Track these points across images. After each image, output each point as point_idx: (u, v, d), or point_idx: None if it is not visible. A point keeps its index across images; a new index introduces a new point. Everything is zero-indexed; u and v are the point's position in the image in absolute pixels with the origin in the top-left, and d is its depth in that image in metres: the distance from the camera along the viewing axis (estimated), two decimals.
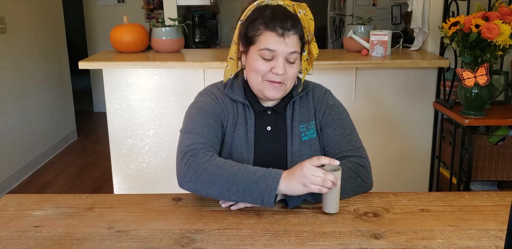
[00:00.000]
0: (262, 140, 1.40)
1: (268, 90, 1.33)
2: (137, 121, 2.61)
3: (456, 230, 1.15)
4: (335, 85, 2.58)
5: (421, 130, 2.66)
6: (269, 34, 1.28)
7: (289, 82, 1.34)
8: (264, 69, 1.31)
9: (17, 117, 3.57)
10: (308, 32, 1.33)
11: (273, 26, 1.28)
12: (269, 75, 1.31)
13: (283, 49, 1.28)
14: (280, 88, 1.33)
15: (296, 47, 1.30)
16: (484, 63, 2.10)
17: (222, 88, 1.42)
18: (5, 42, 3.43)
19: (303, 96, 1.44)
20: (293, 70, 1.32)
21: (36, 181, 3.61)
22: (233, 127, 1.39)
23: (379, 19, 4.51)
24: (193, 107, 1.39)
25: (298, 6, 1.32)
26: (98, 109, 5.62)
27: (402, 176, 2.72)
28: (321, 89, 1.48)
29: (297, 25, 1.29)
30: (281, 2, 1.32)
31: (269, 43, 1.29)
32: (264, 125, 1.41)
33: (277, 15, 1.29)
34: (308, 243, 1.09)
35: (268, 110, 1.41)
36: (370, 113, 2.62)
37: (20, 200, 1.34)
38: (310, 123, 1.42)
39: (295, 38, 1.29)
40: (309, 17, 1.34)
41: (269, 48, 1.29)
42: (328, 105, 1.44)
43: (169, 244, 1.09)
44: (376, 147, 2.66)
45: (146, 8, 5.38)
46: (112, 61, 2.47)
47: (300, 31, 1.31)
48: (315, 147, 1.41)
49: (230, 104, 1.40)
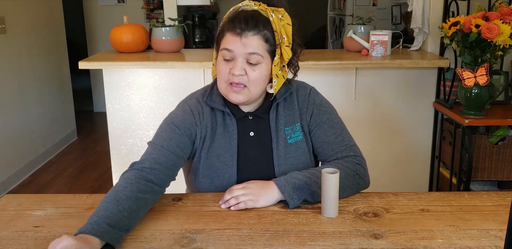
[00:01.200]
0: (246, 146, 1.38)
1: (230, 94, 1.31)
2: (137, 122, 2.61)
3: (456, 230, 1.15)
4: (335, 85, 2.60)
5: (421, 130, 2.66)
6: (228, 34, 1.28)
7: (252, 86, 1.29)
8: (224, 70, 1.30)
9: (17, 118, 3.58)
10: (280, 36, 1.29)
11: (232, 26, 1.28)
12: (229, 77, 1.29)
13: (241, 49, 1.26)
14: (242, 92, 1.30)
15: (257, 49, 1.27)
16: (484, 63, 2.10)
17: (200, 97, 1.40)
18: (5, 42, 3.43)
19: (287, 97, 1.40)
20: (255, 73, 1.28)
21: (36, 181, 3.61)
22: (213, 137, 1.37)
23: (379, 19, 4.51)
24: (165, 120, 1.40)
25: (273, 11, 1.30)
26: (98, 109, 5.62)
27: (402, 176, 2.72)
28: (305, 88, 1.44)
29: (260, 27, 1.27)
30: (255, 7, 1.30)
31: (227, 43, 1.28)
32: (247, 131, 1.39)
33: (239, 16, 1.29)
34: (308, 243, 1.09)
35: (249, 116, 1.39)
36: (370, 113, 2.62)
37: (20, 200, 1.34)
38: (295, 125, 1.39)
39: (255, 39, 1.27)
40: (286, 22, 1.31)
41: (227, 47, 1.28)
42: (315, 106, 1.41)
43: (169, 244, 1.09)
44: (376, 147, 2.66)
45: (146, 8, 5.38)
46: (112, 61, 2.47)
47: (265, 32, 1.27)
48: (302, 149, 1.39)
49: (209, 114, 1.37)
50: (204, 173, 1.38)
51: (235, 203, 1.25)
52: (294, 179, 1.28)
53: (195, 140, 1.37)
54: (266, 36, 1.28)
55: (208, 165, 1.37)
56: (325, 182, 1.19)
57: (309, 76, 2.55)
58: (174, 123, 1.37)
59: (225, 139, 1.37)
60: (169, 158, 1.31)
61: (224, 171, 1.36)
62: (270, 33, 1.29)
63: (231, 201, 1.26)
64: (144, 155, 1.33)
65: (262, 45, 1.28)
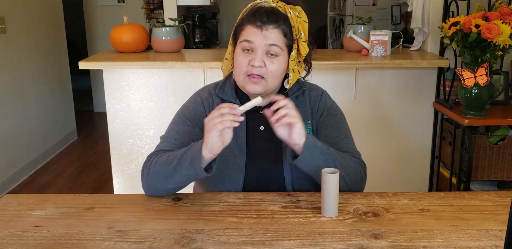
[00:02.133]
0: (255, 139, 1.40)
1: (248, 85, 1.34)
2: (137, 121, 2.61)
3: (456, 230, 1.15)
4: (335, 85, 2.60)
5: (421, 129, 2.66)
6: (249, 27, 1.32)
7: (270, 77, 1.33)
8: (243, 62, 1.32)
9: (17, 117, 3.58)
10: (297, 32, 1.34)
11: (253, 19, 1.32)
12: (248, 68, 1.32)
13: (261, 40, 1.30)
14: (260, 83, 1.33)
15: (277, 41, 1.31)
16: (484, 63, 2.10)
17: (213, 89, 1.44)
18: (5, 42, 3.43)
19: (299, 95, 1.44)
20: (274, 65, 1.32)
21: (36, 181, 3.61)
22: None
23: (379, 19, 4.51)
24: (177, 112, 1.45)
25: (290, 8, 1.35)
26: (98, 109, 5.62)
27: (402, 176, 2.72)
28: (317, 89, 1.48)
29: (280, 21, 1.31)
30: (273, 4, 1.35)
31: (248, 34, 1.32)
32: (257, 125, 1.41)
33: (260, 11, 1.33)
34: (308, 243, 1.09)
35: (260, 110, 1.40)
36: (370, 113, 2.63)
37: (20, 200, 1.34)
38: (306, 122, 1.41)
39: (275, 32, 1.31)
40: (303, 19, 1.35)
41: (247, 39, 1.32)
42: (326, 107, 1.45)
43: (169, 244, 1.09)
44: (376, 146, 2.66)
45: (146, 8, 5.38)
46: (112, 61, 2.47)
47: (284, 27, 1.32)
48: None
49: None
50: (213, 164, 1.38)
51: (284, 113, 1.24)
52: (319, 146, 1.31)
53: None
54: (285, 31, 1.32)
55: (219, 155, 1.37)
56: (325, 182, 1.19)
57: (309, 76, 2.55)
58: (185, 115, 1.41)
59: (235, 130, 1.37)
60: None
61: (233, 162, 1.38)
62: (288, 28, 1.33)
63: (281, 111, 1.24)
64: (157, 147, 1.37)
65: (282, 39, 1.32)
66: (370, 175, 2.79)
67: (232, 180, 1.37)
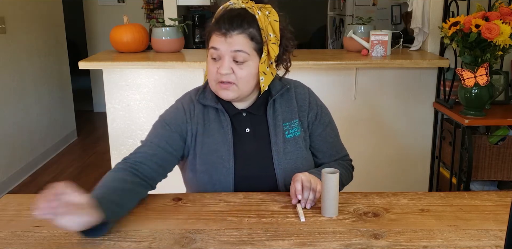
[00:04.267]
0: (242, 142, 1.39)
1: (220, 91, 1.34)
2: (137, 121, 2.61)
3: (456, 230, 1.15)
4: (335, 85, 2.60)
5: (421, 130, 2.66)
6: (215, 34, 1.31)
7: (241, 83, 1.32)
8: (212, 69, 1.32)
9: (17, 118, 3.58)
10: (266, 33, 1.32)
11: (218, 26, 1.31)
12: (218, 76, 1.32)
13: (226, 47, 1.29)
14: (231, 89, 1.32)
15: (243, 47, 1.29)
16: (484, 63, 2.10)
17: (194, 95, 1.43)
18: (5, 42, 3.43)
19: (284, 93, 1.43)
20: (243, 71, 1.31)
21: (36, 181, 3.61)
22: (207, 133, 1.39)
23: (379, 19, 4.51)
24: (158, 118, 1.44)
25: (259, 8, 1.32)
26: (98, 109, 5.62)
27: (402, 176, 2.72)
28: (303, 87, 1.48)
29: (244, 25, 1.29)
30: (243, 5, 1.33)
31: (214, 42, 1.31)
32: (242, 127, 1.40)
33: (224, 16, 1.31)
34: (308, 243, 1.09)
35: (243, 113, 1.41)
36: (370, 113, 2.62)
37: (20, 200, 1.34)
38: (293, 121, 1.42)
39: (240, 38, 1.29)
40: (273, 19, 1.33)
41: (213, 46, 1.31)
42: (318, 106, 1.46)
43: (169, 244, 1.09)
44: (376, 147, 2.66)
45: (146, 8, 5.38)
46: (112, 61, 2.47)
47: (250, 30, 1.30)
48: (299, 144, 1.41)
49: (201, 111, 1.40)
50: (202, 169, 1.38)
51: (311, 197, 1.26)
52: None
53: (186, 137, 1.40)
54: (252, 35, 1.30)
55: (205, 160, 1.38)
56: (325, 182, 1.20)
57: (309, 76, 2.55)
58: (165, 121, 1.41)
59: (220, 134, 1.39)
60: (158, 152, 1.35)
61: (221, 166, 1.37)
62: (257, 31, 1.31)
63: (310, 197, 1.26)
64: (135, 150, 1.38)
65: (248, 43, 1.30)
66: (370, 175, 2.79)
67: (223, 184, 1.37)
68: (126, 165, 1.31)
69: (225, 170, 1.37)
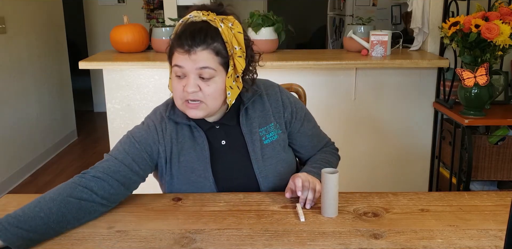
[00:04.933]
0: (220, 155, 1.37)
1: (187, 111, 1.28)
2: (137, 121, 2.58)
3: (456, 230, 1.15)
4: (335, 85, 2.60)
5: (421, 130, 2.66)
6: (178, 51, 1.24)
7: (209, 100, 1.26)
8: (178, 88, 1.26)
9: (17, 118, 3.58)
10: (231, 47, 1.25)
11: (180, 43, 1.23)
12: (184, 94, 1.25)
13: (191, 65, 1.23)
14: (199, 107, 1.27)
15: (208, 63, 1.23)
16: (484, 63, 2.10)
17: (164, 112, 1.37)
18: (5, 42, 3.43)
19: (256, 100, 1.39)
20: (210, 88, 1.25)
21: (36, 181, 3.61)
22: (182, 151, 1.35)
23: (379, 19, 4.52)
24: (127, 133, 1.37)
25: (222, 20, 1.25)
26: (98, 109, 5.62)
27: (402, 176, 2.72)
28: (272, 86, 1.43)
29: (208, 40, 1.22)
30: (204, 17, 1.25)
31: (177, 60, 1.25)
32: (218, 140, 1.37)
33: (186, 32, 1.24)
34: (308, 243, 1.09)
35: (216, 125, 1.37)
36: (370, 113, 2.63)
37: (20, 200, 1.34)
38: (269, 126, 1.39)
39: (205, 54, 1.22)
40: (237, 31, 1.27)
41: (177, 64, 1.25)
42: (291, 103, 1.43)
43: (169, 244, 1.09)
44: (376, 146, 2.66)
45: (146, 8, 5.38)
46: (112, 61, 2.47)
47: (215, 45, 1.23)
48: (277, 148, 1.39)
49: (173, 129, 1.35)
50: (182, 188, 1.36)
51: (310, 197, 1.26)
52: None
53: (158, 159, 1.34)
54: (217, 49, 1.24)
55: (184, 180, 1.36)
56: (325, 182, 1.20)
57: (310, 76, 2.55)
58: (135, 138, 1.33)
59: (196, 152, 1.35)
60: (121, 170, 1.26)
61: (202, 184, 1.35)
62: (221, 45, 1.24)
63: (309, 197, 1.26)
64: (97, 164, 1.28)
65: (213, 59, 1.24)
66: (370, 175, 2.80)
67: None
68: (78, 180, 1.22)
69: (207, 187, 1.35)
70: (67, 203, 1.16)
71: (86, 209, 1.19)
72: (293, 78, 2.26)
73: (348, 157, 1.59)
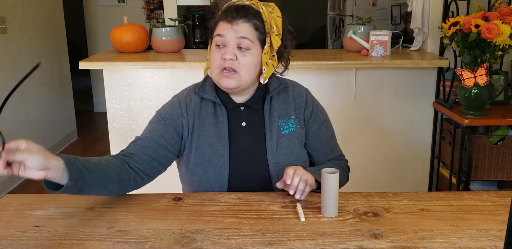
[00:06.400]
0: (238, 135, 1.41)
1: (222, 79, 1.35)
2: (137, 121, 2.62)
3: (456, 230, 1.15)
4: (335, 85, 2.60)
5: (421, 130, 2.66)
6: (221, 23, 1.35)
7: (243, 71, 1.34)
8: (216, 56, 1.34)
9: (17, 117, 3.58)
10: (269, 26, 1.35)
11: (224, 15, 1.35)
12: (221, 62, 1.34)
13: (232, 34, 1.32)
14: (233, 77, 1.34)
15: (248, 34, 1.33)
16: (484, 63, 2.10)
17: (192, 90, 1.46)
18: (5, 42, 3.43)
19: (281, 91, 1.45)
20: (246, 58, 1.33)
21: (36, 181, 3.58)
22: (203, 126, 1.40)
23: (379, 19, 4.52)
24: (156, 112, 1.47)
25: (264, 4, 1.37)
26: (98, 109, 5.62)
27: (402, 176, 2.72)
28: (300, 86, 1.51)
29: (250, 16, 1.33)
30: (247, 2, 1.37)
31: (220, 29, 1.35)
32: (239, 121, 1.42)
33: (231, 8, 1.35)
34: (308, 243, 1.09)
35: (241, 106, 1.42)
36: (370, 113, 2.63)
37: (20, 200, 1.34)
38: (289, 118, 1.43)
39: (246, 26, 1.33)
40: (276, 15, 1.37)
41: (219, 33, 1.34)
42: (314, 105, 1.48)
43: (169, 244, 1.09)
44: (376, 146, 2.66)
45: (146, 8, 5.39)
46: (112, 61, 2.48)
47: (255, 21, 1.34)
48: (294, 140, 1.42)
49: (198, 104, 1.42)
50: (197, 163, 1.39)
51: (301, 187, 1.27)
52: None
53: (183, 132, 1.41)
54: (256, 25, 1.34)
55: (200, 154, 1.39)
56: (325, 182, 1.20)
57: (309, 76, 2.55)
58: (161, 115, 1.43)
59: (216, 128, 1.40)
60: (151, 146, 1.36)
61: (216, 160, 1.38)
62: (260, 23, 1.35)
63: (300, 187, 1.26)
64: (128, 144, 1.41)
65: (252, 32, 1.34)
66: (370, 175, 2.80)
67: (217, 179, 1.38)
68: (112, 156, 1.34)
69: (220, 164, 1.38)
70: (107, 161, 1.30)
71: (120, 174, 1.29)
72: (293, 78, 2.25)
73: (348, 157, 1.58)
